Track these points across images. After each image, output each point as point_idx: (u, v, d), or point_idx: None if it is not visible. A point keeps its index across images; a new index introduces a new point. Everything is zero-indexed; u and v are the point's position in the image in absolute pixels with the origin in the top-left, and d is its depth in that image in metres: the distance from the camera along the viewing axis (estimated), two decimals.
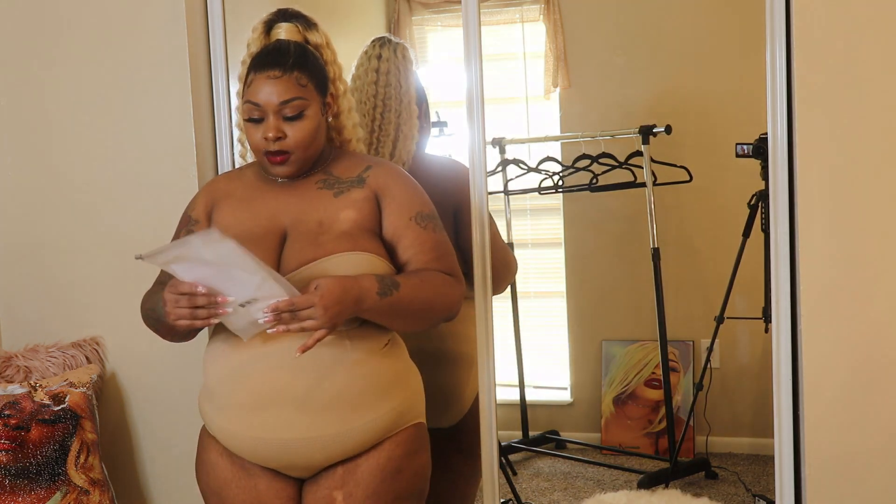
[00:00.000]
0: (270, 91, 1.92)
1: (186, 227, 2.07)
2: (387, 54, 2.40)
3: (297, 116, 1.94)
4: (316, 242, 1.93)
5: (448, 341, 2.43)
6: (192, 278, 1.82)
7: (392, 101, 2.39)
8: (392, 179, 2.03)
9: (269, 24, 2.05)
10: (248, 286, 1.79)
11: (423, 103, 2.50)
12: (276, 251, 1.95)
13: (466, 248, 2.43)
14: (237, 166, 2.42)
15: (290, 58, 1.95)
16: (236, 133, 2.16)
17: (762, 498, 3.31)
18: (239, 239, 1.96)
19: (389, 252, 1.99)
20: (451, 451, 2.43)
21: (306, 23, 2.05)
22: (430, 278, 1.96)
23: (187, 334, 2.01)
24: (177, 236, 2.09)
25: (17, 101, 2.75)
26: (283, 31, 2.03)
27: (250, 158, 2.15)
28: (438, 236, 2.02)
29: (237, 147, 2.18)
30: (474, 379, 2.48)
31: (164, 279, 2.09)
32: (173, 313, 1.84)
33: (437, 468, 2.12)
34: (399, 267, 1.99)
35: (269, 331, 1.84)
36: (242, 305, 1.82)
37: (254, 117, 1.95)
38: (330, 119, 2.06)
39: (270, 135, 1.93)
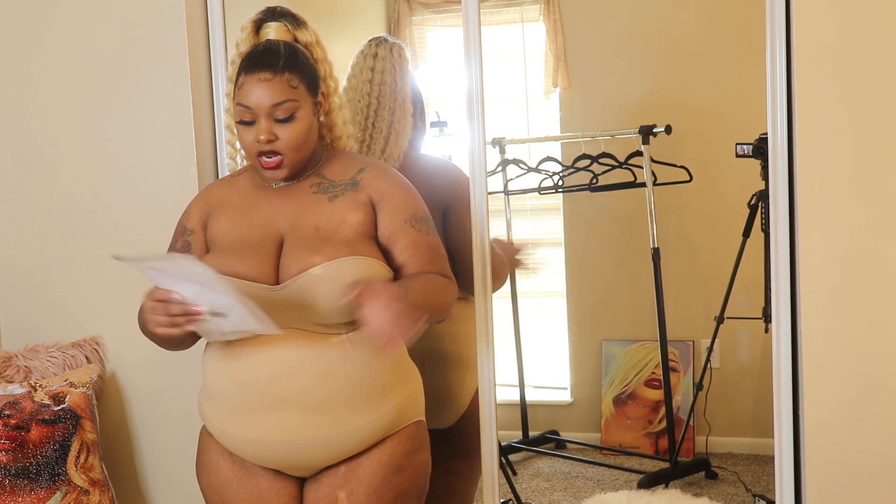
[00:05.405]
0: (261, 94, 1.91)
1: (182, 237, 2.06)
2: (383, 53, 2.41)
3: (289, 118, 1.93)
4: (314, 248, 1.92)
5: (445, 342, 2.43)
6: (167, 287, 1.82)
7: (386, 99, 2.39)
8: (386, 182, 2.02)
9: (258, 24, 2.03)
10: (219, 302, 1.80)
11: (417, 103, 2.51)
12: (274, 257, 1.94)
13: (455, 247, 2.43)
14: (226, 168, 2.41)
15: (281, 59, 1.94)
16: (227, 135, 2.15)
17: (762, 498, 3.31)
18: (236, 246, 1.97)
19: (384, 255, 1.99)
20: (448, 451, 2.43)
21: (295, 21, 2.03)
22: (430, 282, 1.96)
23: (181, 343, 1.99)
24: (172, 246, 2.08)
25: (16, 103, 2.75)
26: (273, 31, 2.01)
27: (239, 160, 2.15)
28: (432, 239, 2.03)
29: (226, 149, 2.17)
30: (471, 379, 2.48)
31: None
32: (152, 320, 1.83)
33: (435, 469, 2.12)
34: (395, 270, 1.99)
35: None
36: (212, 315, 1.81)
37: (245, 120, 1.94)
38: (321, 117, 2.04)
39: (262, 137, 1.92)
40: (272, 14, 2.03)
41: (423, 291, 1.93)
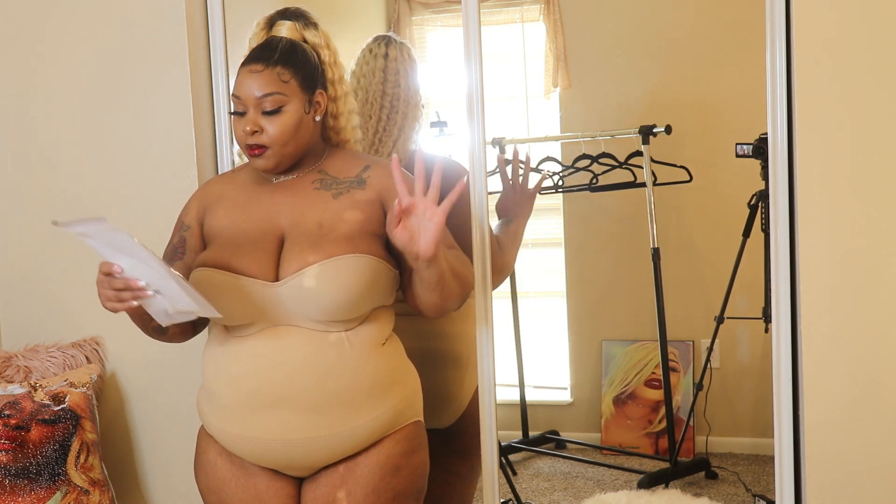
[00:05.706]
0: (250, 84, 1.94)
1: (179, 232, 2.08)
2: (394, 54, 2.39)
3: (276, 111, 1.94)
4: (315, 245, 1.92)
5: (444, 341, 2.43)
6: (109, 259, 1.79)
7: (400, 103, 2.38)
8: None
9: (272, 22, 2.06)
10: (152, 277, 1.77)
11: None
12: (273, 253, 1.94)
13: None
14: (236, 165, 2.41)
15: (276, 53, 1.96)
16: None
17: (762, 498, 3.31)
18: (235, 242, 1.97)
19: (395, 253, 1.98)
20: (447, 451, 2.43)
21: (305, 22, 2.06)
22: (459, 255, 2.02)
23: (162, 331, 1.99)
24: (170, 241, 2.09)
25: (16, 102, 2.75)
26: (284, 29, 2.04)
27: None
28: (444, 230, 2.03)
29: (236, 146, 2.19)
30: (470, 379, 2.47)
31: None
32: (101, 294, 1.82)
33: (434, 468, 2.11)
34: (407, 266, 1.98)
35: None
36: (155, 292, 1.79)
37: (237, 110, 1.97)
38: (318, 117, 2.04)
39: (248, 128, 1.94)
40: (285, 13, 2.07)
41: (457, 257, 2.01)
